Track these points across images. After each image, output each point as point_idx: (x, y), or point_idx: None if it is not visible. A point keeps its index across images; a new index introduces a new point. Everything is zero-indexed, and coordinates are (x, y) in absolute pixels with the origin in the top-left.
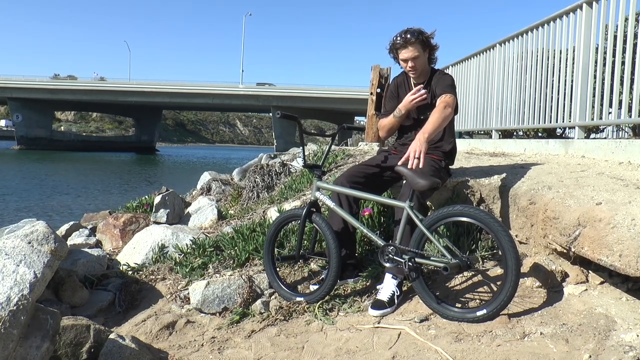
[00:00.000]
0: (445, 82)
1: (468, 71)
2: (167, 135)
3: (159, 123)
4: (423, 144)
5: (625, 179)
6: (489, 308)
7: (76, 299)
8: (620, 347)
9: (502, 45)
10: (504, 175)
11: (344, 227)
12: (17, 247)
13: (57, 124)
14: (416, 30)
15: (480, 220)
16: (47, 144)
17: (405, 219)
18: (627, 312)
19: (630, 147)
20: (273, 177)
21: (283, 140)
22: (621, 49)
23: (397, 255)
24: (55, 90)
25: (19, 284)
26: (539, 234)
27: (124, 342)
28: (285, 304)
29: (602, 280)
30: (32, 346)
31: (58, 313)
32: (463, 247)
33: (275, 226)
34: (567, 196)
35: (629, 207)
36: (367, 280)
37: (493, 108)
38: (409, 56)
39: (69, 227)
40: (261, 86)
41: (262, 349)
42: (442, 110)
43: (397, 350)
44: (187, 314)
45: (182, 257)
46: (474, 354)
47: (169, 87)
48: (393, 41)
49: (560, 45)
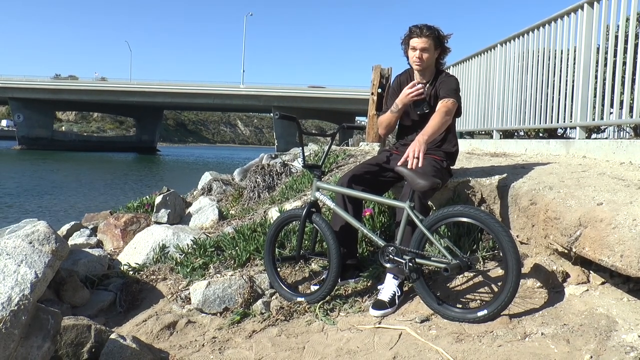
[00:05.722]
0: (449, 85)
1: (469, 71)
2: (168, 136)
3: (160, 123)
4: (422, 144)
5: (627, 179)
6: (489, 308)
7: (77, 299)
8: (622, 348)
9: (503, 45)
10: (505, 176)
11: (344, 227)
12: (18, 247)
13: (58, 124)
14: (434, 26)
15: (481, 220)
16: (48, 144)
17: (405, 220)
18: (629, 312)
19: (631, 148)
20: (274, 177)
21: (284, 140)
22: (622, 49)
23: (397, 256)
24: (56, 91)
25: (20, 284)
26: (540, 234)
27: (124, 342)
28: (286, 304)
29: (603, 280)
30: (33, 346)
31: (59, 313)
32: (464, 248)
33: (276, 226)
34: (568, 196)
35: (630, 208)
36: (368, 281)
37: (494, 108)
38: (419, 46)
39: (70, 227)
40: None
41: (263, 349)
42: (443, 115)
43: (398, 350)
44: (188, 314)
45: (183, 257)
46: (475, 354)
47: (170, 87)
48: (409, 30)
49: (561, 46)
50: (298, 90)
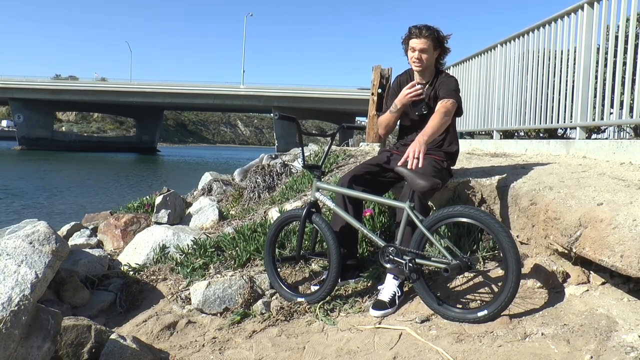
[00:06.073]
0: (449, 85)
1: (469, 71)
2: (168, 136)
3: (160, 123)
4: (422, 144)
5: (627, 180)
6: (490, 309)
7: (77, 299)
8: (622, 348)
9: (504, 45)
10: (505, 176)
11: (344, 228)
12: (19, 248)
13: (58, 124)
14: (434, 27)
15: (481, 220)
16: (48, 144)
17: (405, 220)
18: (629, 312)
19: (631, 148)
20: (274, 177)
21: (284, 140)
22: (622, 49)
23: (397, 256)
24: (57, 91)
25: (20, 284)
26: (540, 235)
27: (125, 342)
28: (286, 305)
29: (604, 280)
30: (33, 346)
31: (59, 313)
32: (464, 248)
33: (276, 227)
34: (569, 197)
35: (631, 208)
36: (368, 281)
37: (494, 108)
38: (418, 47)
39: (70, 228)
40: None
41: (263, 349)
42: (443, 115)
43: (398, 350)
44: (188, 314)
45: (183, 258)
46: (475, 354)
47: (170, 88)
48: (408, 30)
49: (561, 46)
50: (298, 90)
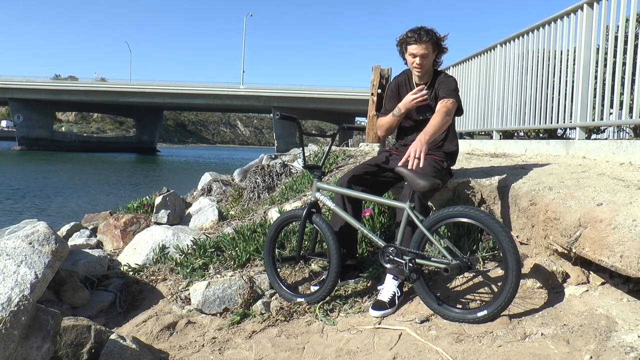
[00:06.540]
0: (448, 85)
1: (469, 72)
2: (168, 136)
3: (160, 124)
4: (423, 144)
5: (626, 180)
6: (489, 309)
7: (77, 299)
8: (622, 348)
9: (503, 45)
10: (505, 176)
11: (344, 228)
12: (18, 248)
13: (58, 124)
14: (430, 29)
15: (481, 221)
16: (48, 144)
17: (405, 220)
18: (628, 313)
19: (631, 148)
20: (274, 177)
21: (284, 140)
22: (622, 49)
23: (397, 256)
24: (56, 91)
25: (20, 285)
26: (539, 235)
27: (124, 342)
28: (286, 305)
29: (603, 281)
30: (32, 347)
31: (59, 314)
32: (464, 248)
33: (276, 227)
34: (568, 197)
35: (630, 208)
36: (367, 281)
37: (494, 109)
38: (419, 52)
39: (69, 228)
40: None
41: (263, 349)
42: (443, 115)
43: (398, 351)
44: (187, 314)
45: (183, 258)
46: (475, 354)
47: (170, 88)
48: (405, 35)
49: (561, 46)
50: (298, 90)
